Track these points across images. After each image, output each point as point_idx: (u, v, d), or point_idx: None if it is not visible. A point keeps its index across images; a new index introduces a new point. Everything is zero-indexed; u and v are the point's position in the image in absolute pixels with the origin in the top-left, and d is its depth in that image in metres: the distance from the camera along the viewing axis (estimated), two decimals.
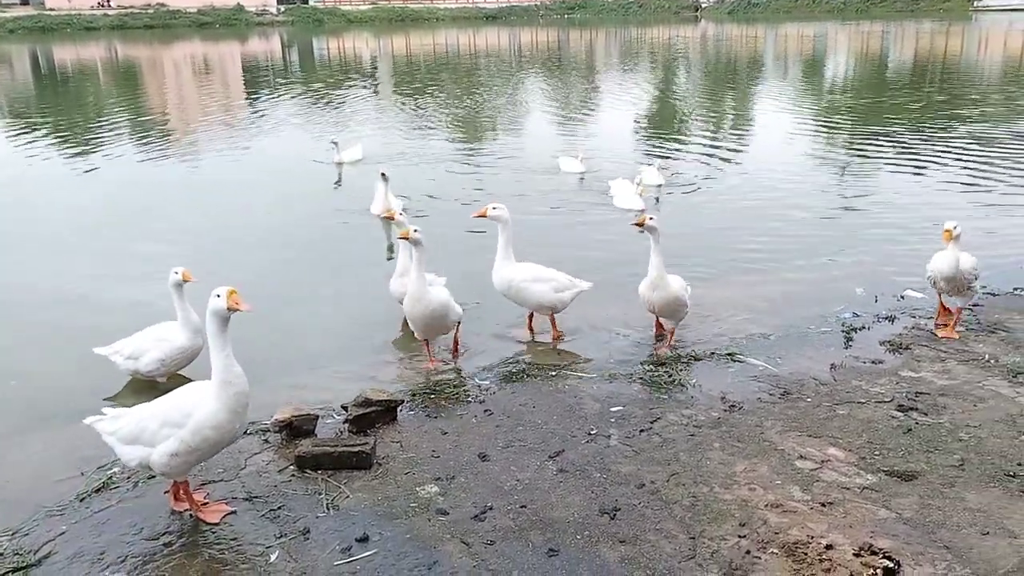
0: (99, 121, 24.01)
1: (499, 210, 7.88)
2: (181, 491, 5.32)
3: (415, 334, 7.78)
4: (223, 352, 4.97)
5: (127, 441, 5.09)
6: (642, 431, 6.22)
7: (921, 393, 6.75)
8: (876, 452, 5.85)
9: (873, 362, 7.48)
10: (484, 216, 7.93)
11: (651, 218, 7.59)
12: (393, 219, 8.13)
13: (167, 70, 42.12)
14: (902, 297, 9.33)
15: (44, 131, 22.31)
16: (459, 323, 7.93)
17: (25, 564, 4.83)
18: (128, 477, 5.74)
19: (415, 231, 7.24)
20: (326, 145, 17.96)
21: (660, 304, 7.85)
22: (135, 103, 28.95)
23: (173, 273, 7.08)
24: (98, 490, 5.61)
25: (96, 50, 56.19)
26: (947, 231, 7.60)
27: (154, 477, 5.71)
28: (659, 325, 8.40)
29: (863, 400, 6.67)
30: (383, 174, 12.54)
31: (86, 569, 4.76)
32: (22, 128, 22.85)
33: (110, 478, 5.75)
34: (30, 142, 20.34)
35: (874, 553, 4.69)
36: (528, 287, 8.05)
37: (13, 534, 5.16)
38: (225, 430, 5.00)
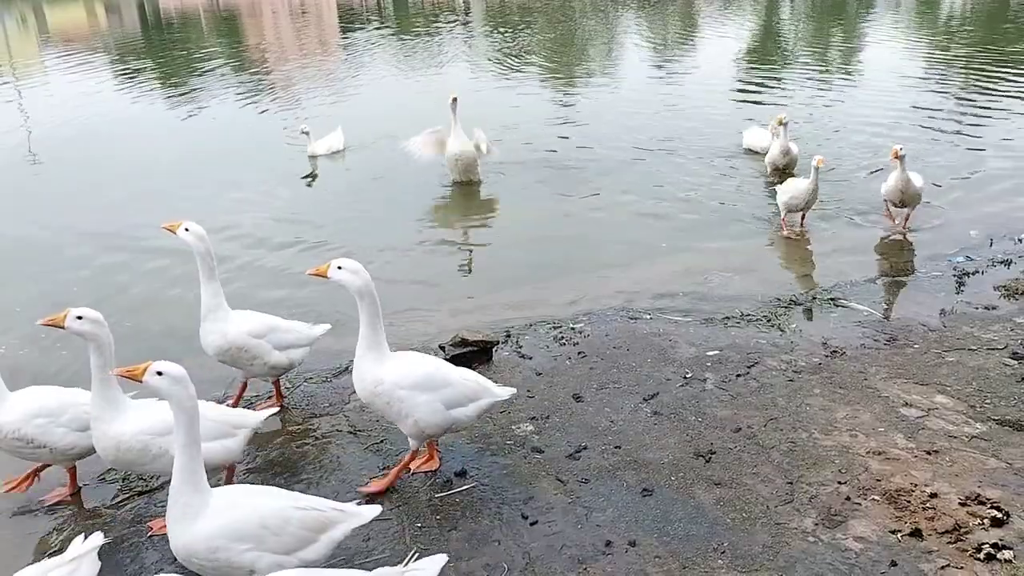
0: (200, 67, 24.68)
1: (346, 272, 4.87)
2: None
3: None
4: None
5: None
6: (739, 376, 6.15)
7: None
8: (987, 400, 5.63)
9: (986, 308, 7.16)
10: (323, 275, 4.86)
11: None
12: (174, 232, 5.52)
13: (265, 15, 42.85)
14: (1020, 240, 8.84)
15: (149, 76, 23.13)
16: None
17: None
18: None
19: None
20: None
21: None
22: (235, 49, 29.60)
23: None
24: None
25: None
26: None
27: None
28: None
29: (974, 347, 6.41)
30: (480, 145, 11.18)
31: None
32: (130, 73, 23.73)
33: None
34: (138, 87, 21.12)
35: (982, 503, 4.55)
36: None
37: None
38: None
